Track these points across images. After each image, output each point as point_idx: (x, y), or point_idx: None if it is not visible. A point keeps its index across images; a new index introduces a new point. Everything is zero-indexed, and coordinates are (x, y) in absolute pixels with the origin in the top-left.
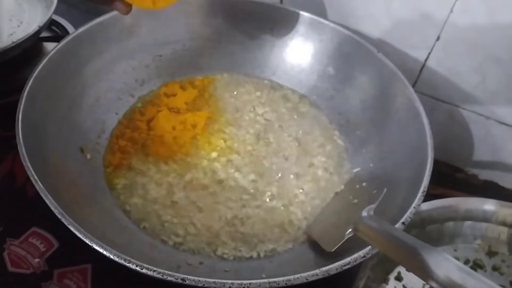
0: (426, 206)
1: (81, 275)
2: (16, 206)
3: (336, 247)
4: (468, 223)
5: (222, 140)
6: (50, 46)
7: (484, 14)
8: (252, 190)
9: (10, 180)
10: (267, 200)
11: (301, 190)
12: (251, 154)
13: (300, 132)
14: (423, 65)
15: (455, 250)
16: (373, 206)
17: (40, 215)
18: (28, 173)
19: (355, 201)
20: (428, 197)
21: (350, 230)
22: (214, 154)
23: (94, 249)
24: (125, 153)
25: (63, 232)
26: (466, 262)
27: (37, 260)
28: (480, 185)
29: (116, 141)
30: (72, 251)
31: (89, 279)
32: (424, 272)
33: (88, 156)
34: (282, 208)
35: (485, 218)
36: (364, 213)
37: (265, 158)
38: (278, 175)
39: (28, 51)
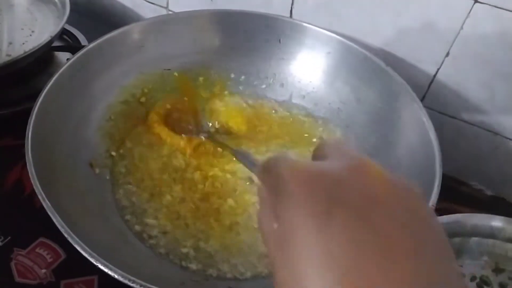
0: None
1: (88, 287)
2: (24, 216)
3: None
4: (475, 239)
5: (227, 157)
6: (61, 55)
7: (494, 30)
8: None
9: (18, 189)
10: None
11: None
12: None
13: (305, 144)
14: (432, 80)
15: (461, 266)
16: None
17: (47, 226)
18: (36, 191)
19: None
20: None
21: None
22: (220, 171)
23: None
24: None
25: (70, 243)
26: (473, 278)
27: (44, 271)
28: (487, 201)
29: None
30: (79, 262)
31: None
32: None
33: (97, 170)
34: None
35: (492, 234)
36: None
37: None
38: None
39: (39, 60)
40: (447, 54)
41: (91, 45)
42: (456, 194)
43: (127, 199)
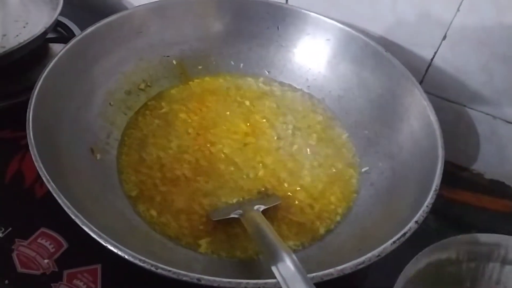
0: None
1: (91, 276)
2: (25, 207)
3: (218, 219)
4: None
5: (230, 139)
6: (56, 47)
7: (491, 12)
8: (262, 189)
9: (18, 181)
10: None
11: (310, 191)
12: (258, 153)
13: (308, 132)
14: (429, 64)
15: None
16: (263, 206)
17: (48, 216)
18: (40, 172)
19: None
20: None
21: (239, 212)
22: (225, 148)
23: (104, 249)
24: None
25: (72, 233)
26: None
27: (46, 260)
28: (486, 185)
29: (127, 139)
30: (81, 251)
31: (99, 279)
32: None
33: (98, 156)
34: (290, 207)
35: None
36: (255, 207)
37: (272, 158)
38: (284, 176)
39: (34, 52)
40: (444, 37)
41: (89, 29)
42: (456, 179)
43: (131, 183)
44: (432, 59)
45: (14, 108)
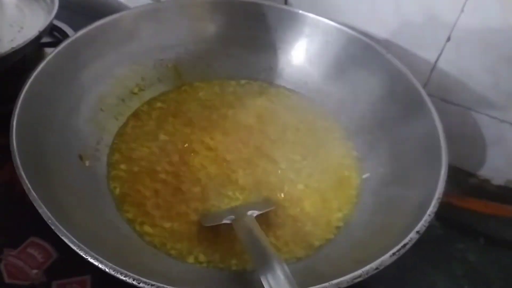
0: None
1: (81, 286)
2: (15, 215)
3: (209, 225)
4: None
5: (226, 143)
6: (51, 51)
7: (496, 12)
8: (257, 194)
9: (8, 189)
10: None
11: (308, 199)
12: (254, 157)
13: (307, 136)
14: (433, 67)
15: None
16: (257, 212)
17: (38, 225)
18: (22, 181)
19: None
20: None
21: (231, 217)
22: (221, 152)
23: None
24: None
25: (62, 242)
26: None
27: (35, 271)
28: (493, 191)
29: (119, 145)
30: (71, 262)
31: None
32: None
33: (87, 163)
34: (286, 216)
35: None
36: (249, 213)
37: (271, 165)
38: (281, 182)
39: (29, 57)
40: (448, 39)
41: (80, 33)
42: (463, 186)
43: (121, 191)
44: (436, 62)
45: (7, 114)
